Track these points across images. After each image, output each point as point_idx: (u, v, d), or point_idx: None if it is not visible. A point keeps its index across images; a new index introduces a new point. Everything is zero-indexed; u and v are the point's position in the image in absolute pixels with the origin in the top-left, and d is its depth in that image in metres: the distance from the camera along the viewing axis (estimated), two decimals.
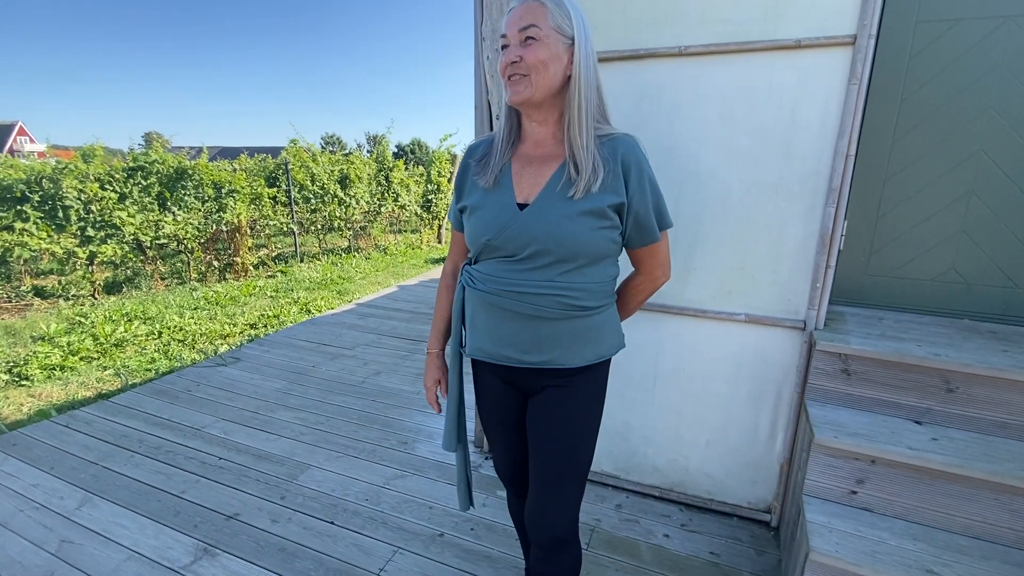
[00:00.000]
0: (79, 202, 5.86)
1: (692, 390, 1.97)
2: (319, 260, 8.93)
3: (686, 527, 1.96)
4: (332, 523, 1.97)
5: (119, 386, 3.58)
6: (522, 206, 1.04)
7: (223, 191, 7.39)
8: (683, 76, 1.74)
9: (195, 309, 5.69)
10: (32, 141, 39.79)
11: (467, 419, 1.33)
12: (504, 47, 1.02)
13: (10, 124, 38.50)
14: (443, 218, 11.64)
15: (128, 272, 7.12)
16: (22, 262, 5.95)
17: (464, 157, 1.17)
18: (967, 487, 1.36)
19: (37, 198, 5.63)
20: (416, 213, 11.52)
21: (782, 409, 1.87)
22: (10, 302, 5.85)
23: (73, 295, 6.20)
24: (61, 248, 5.78)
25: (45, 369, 3.99)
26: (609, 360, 1.20)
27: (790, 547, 1.63)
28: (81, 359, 4.22)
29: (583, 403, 1.16)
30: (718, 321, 1.87)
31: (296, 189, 8.79)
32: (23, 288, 6.18)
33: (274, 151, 11.48)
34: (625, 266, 1.21)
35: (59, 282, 6.61)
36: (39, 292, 6.26)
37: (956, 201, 1.89)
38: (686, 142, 1.78)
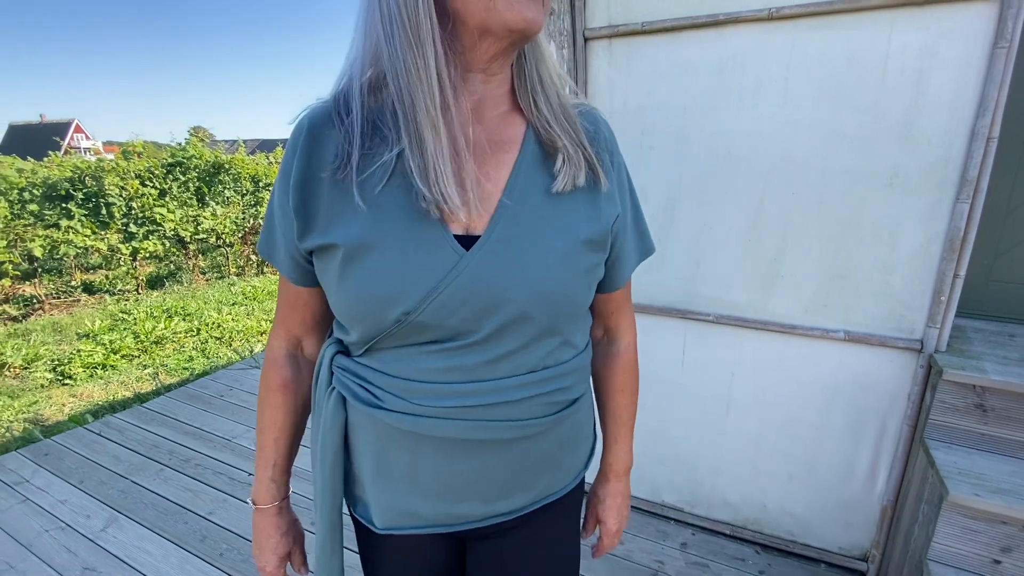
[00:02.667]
0: (121, 199, 5.93)
1: (774, 417, 1.69)
2: None
3: (765, 574, 1.70)
4: None
5: (155, 387, 3.55)
6: (465, 240, 0.55)
7: (260, 184, 7.40)
8: (772, 45, 1.44)
9: (233, 304, 5.70)
10: (88, 138, 41.81)
11: None
12: None
13: (67, 122, 40.49)
14: None
15: (171, 267, 7.24)
16: (71, 258, 6.10)
17: (295, 139, 0.57)
18: None
19: (81, 196, 5.72)
20: None
21: (886, 444, 1.57)
22: (59, 298, 6.00)
23: (119, 290, 6.32)
24: (105, 244, 5.88)
25: (87, 368, 4.02)
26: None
27: None
28: (122, 357, 4.24)
29: (572, 534, 0.77)
30: (810, 339, 1.57)
31: None
32: (73, 283, 6.35)
33: None
34: None
35: (107, 277, 6.76)
36: (87, 288, 6.41)
37: None
38: (774, 124, 1.48)
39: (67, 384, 3.81)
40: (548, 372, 0.61)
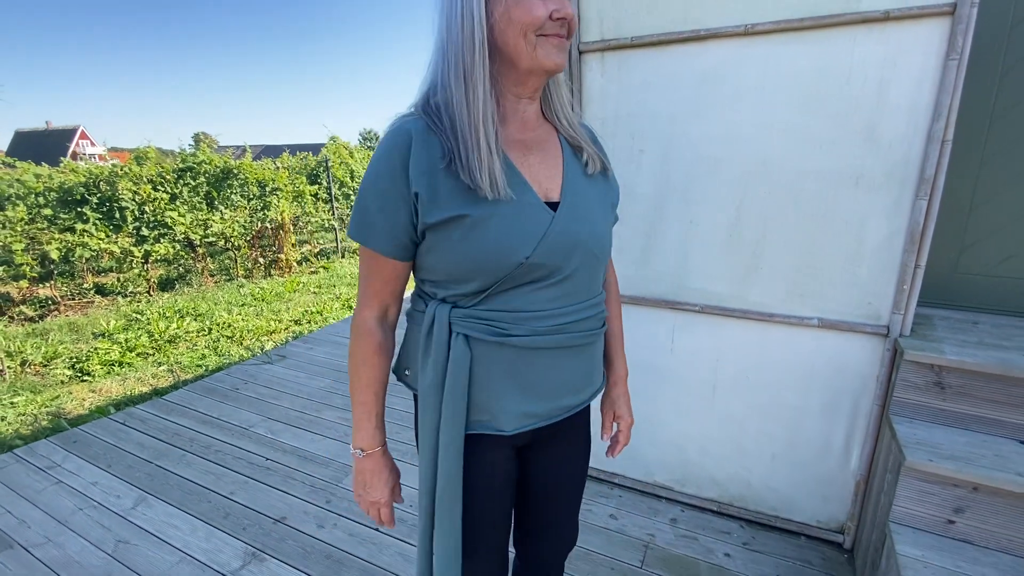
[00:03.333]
0: (134, 203, 6.10)
1: (756, 400, 1.82)
2: (358, 255, 9.05)
3: (749, 546, 1.83)
4: (377, 530, 1.93)
5: (172, 382, 3.70)
6: (550, 205, 0.81)
7: (267, 189, 7.56)
8: (749, 57, 1.58)
9: (242, 306, 5.85)
10: (93, 144, 42.17)
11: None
12: None
13: (72, 128, 40.86)
14: None
15: (180, 269, 7.41)
16: (84, 261, 6.27)
17: (403, 141, 0.75)
18: None
19: (95, 200, 5.89)
20: None
21: (859, 422, 1.70)
22: (74, 299, 6.16)
23: (131, 292, 6.48)
24: (118, 247, 6.04)
25: (105, 365, 4.17)
26: None
27: None
28: (138, 355, 4.39)
29: (588, 436, 1.07)
30: (787, 326, 1.71)
31: (336, 186, 8.92)
32: (85, 285, 6.51)
33: (315, 148, 11.69)
34: None
35: (118, 279, 6.93)
36: (100, 290, 6.58)
37: None
38: (752, 129, 1.62)
39: (86, 380, 3.96)
40: (599, 298, 0.90)
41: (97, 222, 5.88)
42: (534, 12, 0.72)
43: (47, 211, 5.57)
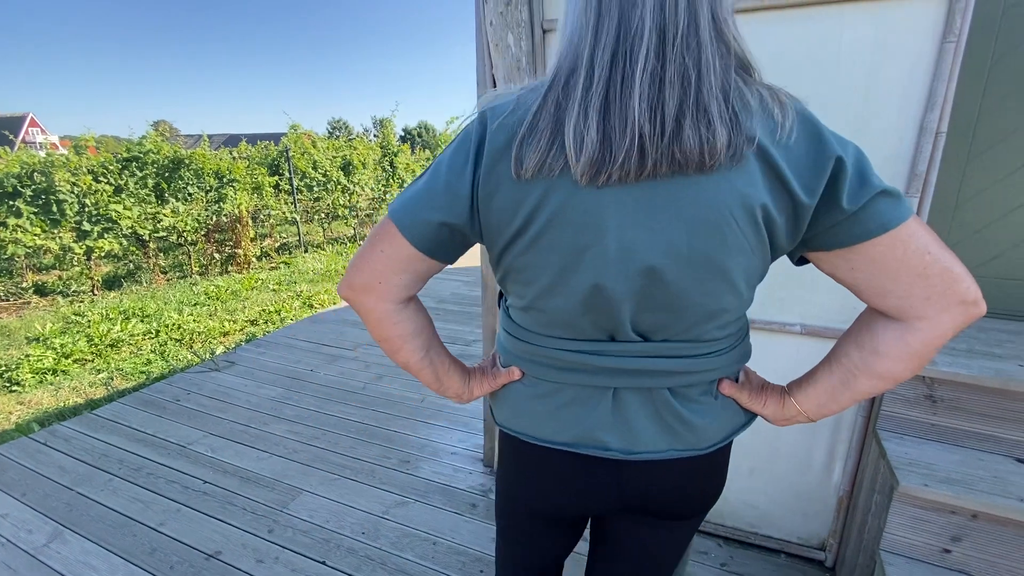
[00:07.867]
0: (73, 196, 5.66)
1: None
2: (323, 249, 8.71)
3: (727, 567, 1.71)
4: (324, 563, 1.74)
5: (108, 393, 3.40)
6: None
7: (224, 180, 7.16)
8: None
9: (195, 305, 5.51)
10: (44, 132, 39.90)
11: None
12: None
13: (21, 116, 38.58)
14: None
15: (129, 266, 6.96)
16: (21, 258, 5.80)
17: None
18: None
19: (30, 193, 5.44)
20: None
21: (841, 436, 1.59)
22: (8, 301, 5.71)
23: (73, 291, 6.05)
24: (57, 244, 5.61)
25: (37, 373, 3.83)
26: None
27: None
28: (74, 362, 4.05)
29: None
30: (768, 332, 1.58)
31: (298, 177, 8.54)
32: (24, 285, 6.04)
33: (277, 137, 11.22)
34: None
35: (60, 278, 6.46)
36: (40, 289, 6.11)
37: None
38: None
39: (14, 391, 3.62)
40: None
41: (32, 216, 5.44)
42: None
43: None
